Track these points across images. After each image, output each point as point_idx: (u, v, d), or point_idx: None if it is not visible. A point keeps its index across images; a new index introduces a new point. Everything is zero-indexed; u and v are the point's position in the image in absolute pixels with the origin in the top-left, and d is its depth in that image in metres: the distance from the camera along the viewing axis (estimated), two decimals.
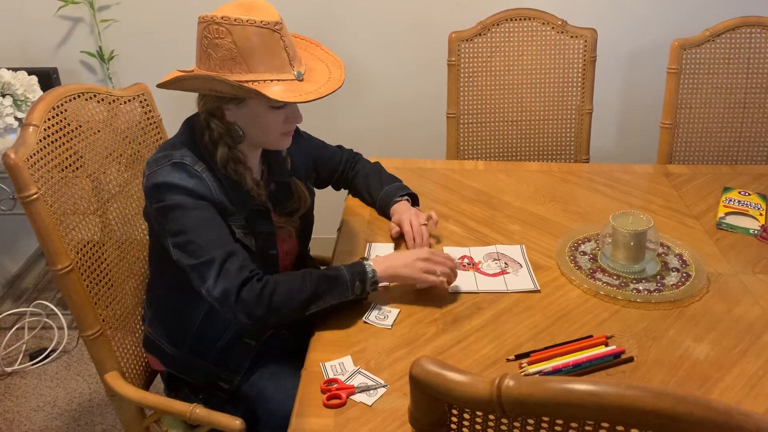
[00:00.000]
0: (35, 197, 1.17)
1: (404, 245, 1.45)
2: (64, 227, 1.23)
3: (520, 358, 1.13)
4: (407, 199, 1.54)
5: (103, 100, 1.40)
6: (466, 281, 1.34)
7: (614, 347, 1.14)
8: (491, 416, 0.67)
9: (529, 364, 1.11)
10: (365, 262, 1.24)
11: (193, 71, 1.20)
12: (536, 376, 1.08)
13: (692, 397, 0.57)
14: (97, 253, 1.32)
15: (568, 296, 1.30)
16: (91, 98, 1.37)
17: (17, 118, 2.10)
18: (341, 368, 1.12)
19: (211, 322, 1.29)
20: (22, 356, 2.27)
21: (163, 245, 1.22)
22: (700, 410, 0.56)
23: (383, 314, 1.25)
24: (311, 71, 1.23)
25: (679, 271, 1.35)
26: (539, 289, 1.31)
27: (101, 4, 2.32)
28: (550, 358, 1.12)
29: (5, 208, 2.17)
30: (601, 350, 1.13)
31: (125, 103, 1.45)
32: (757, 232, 1.51)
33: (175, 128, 1.29)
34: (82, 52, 2.37)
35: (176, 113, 1.42)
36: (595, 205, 1.65)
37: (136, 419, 1.37)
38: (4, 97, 2.07)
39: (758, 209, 1.57)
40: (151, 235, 1.32)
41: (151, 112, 1.53)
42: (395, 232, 1.47)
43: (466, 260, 1.41)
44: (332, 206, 1.88)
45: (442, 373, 0.65)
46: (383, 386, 1.08)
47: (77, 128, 1.32)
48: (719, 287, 1.32)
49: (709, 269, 1.37)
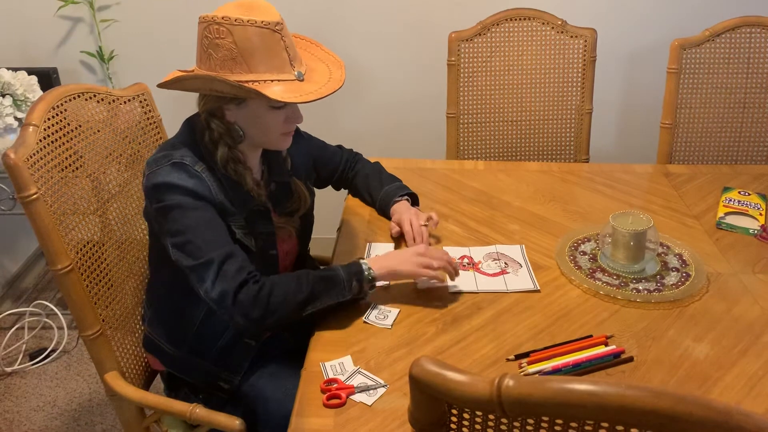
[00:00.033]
0: (35, 197, 1.17)
1: (404, 245, 1.45)
2: (63, 227, 1.23)
3: (519, 357, 1.13)
4: (407, 198, 1.54)
5: (102, 100, 1.40)
6: (465, 281, 1.34)
7: (614, 347, 1.14)
8: (491, 416, 0.68)
9: (528, 363, 1.11)
10: (362, 261, 1.24)
11: (193, 71, 1.20)
12: (536, 376, 1.08)
13: (692, 396, 0.57)
14: (97, 253, 1.32)
15: (567, 296, 1.30)
16: (91, 98, 1.37)
17: (17, 118, 2.10)
18: (341, 368, 1.12)
19: (211, 322, 1.29)
20: (22, 356, 2.27)
21: (163, 245, 1.22)
22: (699, 410, 0.56)
23: (383, 314, 1.25)
24: (312, 71, 1.23)
25: (678, 270, 1.35)
26: (539, 288, 1.31)
27: (101, 4, 2.32)
28: (549, 358, 1.12)
29: (5, 208, 2.17)
30: (600, 350, 1.13)
31: (125, 103, 1.45)
32: (756, 231, 1.51)
33: (175, 128, 1.29)
34: (82, 52, 2.37)
35: (176, 113, 1.42)
36: (595, 205, 1.65)
37: (136, 419, 1.37)
38: (4, 97, 2.07)
39: (758, 209, 1.57)
40: (151, 235, 1.33)
41: (151, 112, 1.53)
42: (395, 231, 1.47)
43: (465, 260, 1.41)
44: (332, 206, 1.88)
45: (441, 372, 0.65)
46: (383, 386, 1.08)
47: (77, 128, 1.32)
48: (719, 287, 1.32)
49: (708, 269, 1.37)
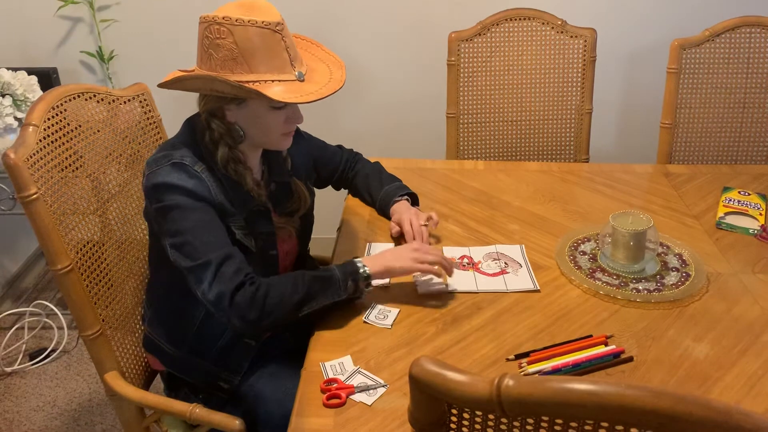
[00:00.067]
0: (35, 197, 1.17)
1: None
2: (63, 227, 1.23)
3: (519, 357, 1.13)
4: (407, 198, 1.54)
5: (102, 100, 1.40)
6: (465, 281, 1.34)
7: (614, 347, 1.14)
8: (491, 416, 0.68)
9: (528, 363, 1.11)
10: (357, 260, 1.24)
11: (194, 71, 1.20)
12: (536, 375, 1.08)
13: (692, 396, 0.57)
14: (96, 253, 1.32)
15: (567, 296, 1.30)
16: (90, 98, 1.37)
17: (17, 118, 2.10)
18: (341, 368, 1.12)
19: (211, 322, 1.29)
20: (22, 356, 2.27)
21: (163, 245, 1.22)
22: (699, 410, 0.56)
23: (383, 314, 1.25)
24: (312, 72, 1.23)
25: (678, 270, 1.35)
26: (539, 288, 1.31)
27: (101, 4, 2.32)
28: (549, 357, 1.12)
29: (5, 208, 2.17)
30: (600, 350, 1.13)
31: (125, 103, 1.45)
32: (756, 231, 1.51)
33: (175, 128, 1.29)
34: (81, 52, 2.37)
35: (176, 113, 1.42)
36: (594, 204, 1.65)
37: (135, 419, 1.37)
38: (3, 97, 2.07)
39: (758, 209, 1.57)
40: (151, 235, 1.33)
41: (150, 112, 1.53)
42: (395, 231, 1.47)
43: (465, 260, 1.41)
44: (332, 206, 1.88)
45: (441, 372, 0.65)
46: (383, 386, 1.08)
47: (77, 128, 1.32)
48: (719, 287, 1.32)
49: (708, 269, 1.37)
